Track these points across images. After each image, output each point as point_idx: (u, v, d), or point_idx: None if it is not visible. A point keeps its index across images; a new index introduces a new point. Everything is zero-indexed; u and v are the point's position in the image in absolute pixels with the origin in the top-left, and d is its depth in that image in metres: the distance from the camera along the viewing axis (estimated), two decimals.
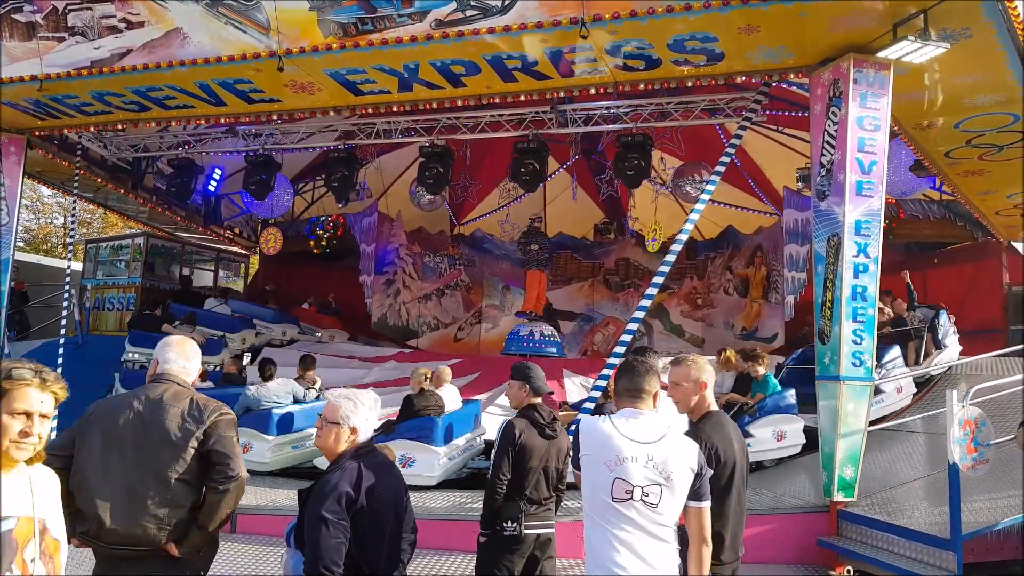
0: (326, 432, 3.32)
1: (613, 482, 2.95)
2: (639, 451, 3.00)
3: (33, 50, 8.79)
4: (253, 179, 12.87)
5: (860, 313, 7.08)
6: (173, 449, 3.34)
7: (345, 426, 3.31)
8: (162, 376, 3.57)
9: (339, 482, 3.13)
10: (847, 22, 6.86)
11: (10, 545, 2.25)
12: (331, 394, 3.45)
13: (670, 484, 2.98)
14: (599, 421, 3.15)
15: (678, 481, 2.99)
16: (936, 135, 9.40)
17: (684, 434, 3.36)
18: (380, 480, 3.23)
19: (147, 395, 3.48)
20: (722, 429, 3.63)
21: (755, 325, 16.06)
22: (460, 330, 18.40)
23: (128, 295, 16.08)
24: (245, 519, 7.35)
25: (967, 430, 5.95)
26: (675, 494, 2.99)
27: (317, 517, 3.06)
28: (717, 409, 3.75)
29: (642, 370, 3.24)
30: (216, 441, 3.40)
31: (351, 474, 3.16)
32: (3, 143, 10.60)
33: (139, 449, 3.36)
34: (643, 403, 3.18)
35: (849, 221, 7.08)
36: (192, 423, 3.40)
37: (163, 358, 3.63)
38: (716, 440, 3.53)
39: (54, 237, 32.99)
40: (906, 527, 6.19)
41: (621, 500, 2.94)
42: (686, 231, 8.18)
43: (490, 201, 18.30)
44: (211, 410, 3.46)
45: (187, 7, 8.05)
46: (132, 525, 3.28)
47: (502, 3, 7.20)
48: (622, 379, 3.27)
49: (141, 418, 3.40)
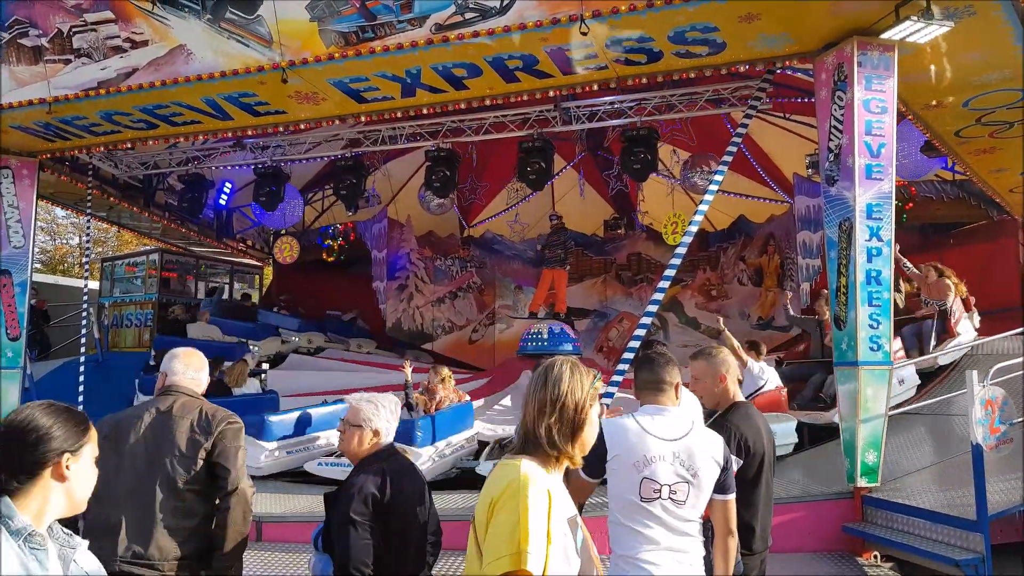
0: (349, 435, 3.35)
1: (641, 482, 2.91)
2: (666, 449, 2.95)
3: (40, 73, 8.88)
4: (263, 191, 12.96)
5: (875, 297, 7.03)
6: (184, 461, 3.37)
7: (368, 429, 3.34)
8: (171, 388, 3.60)
9: (365, 484, 3.16)
10: (849, 5, 6.81)
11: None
12: (352, 398, 3.48)
13: (697, 480, 2.95)
14: (624, 420, 3.08)
15: (704, 476, 2.96)
16: (945, 114, 9.33)
17: (708, 425, 3.34)
18: (405, 482, 3.26)
19: (157, 408, 3.51)
20: (749, 419, 3.60)
21: (771, 314, 15.98)
22: (474, 332, 18.42)
23: (146, 311, 16.22)
24: (270, 527, 7.41)
25: (989, 410, 5.91)
26: (701, 490, 2.96)
27: (345, 520, 3.09)
28: (743, 399, 3.72)
29: (662, 361, 3.18)
30: (220, 452, 3.42)
31: (376, 476, 3.19)
32: (15, 167, 10.71)
33: (151, 463, 3.38)
34: (666, 396, 3.12)
35: (860, 205, 7.03)
36: (201, 434, 3.41)
37: (170, 370, 3.65)
38: (745, 430, 3.51)
39: (70, 257, 33.30)
40: (932, 510, 6.15)
41: (649, 500, 2.91)
42: (696, 223, 8.16)
43: (498, 202, 18.32)
44: (219, 420, 3.47)
45: (190, 24, 8.10)
46: (147, 540, 3.29)
47: (500, 4, 7.20)
48: (642, 372, 3.22)
49: (152, 431, 3.43)
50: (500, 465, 2.24)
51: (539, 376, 2.32)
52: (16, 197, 10.72)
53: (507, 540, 2.01)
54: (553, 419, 2.22)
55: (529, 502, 2.04)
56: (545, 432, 2.21)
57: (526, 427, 2.27)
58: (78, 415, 2.09)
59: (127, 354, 15.16)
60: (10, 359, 10.69)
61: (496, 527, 2.06)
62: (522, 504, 2.03)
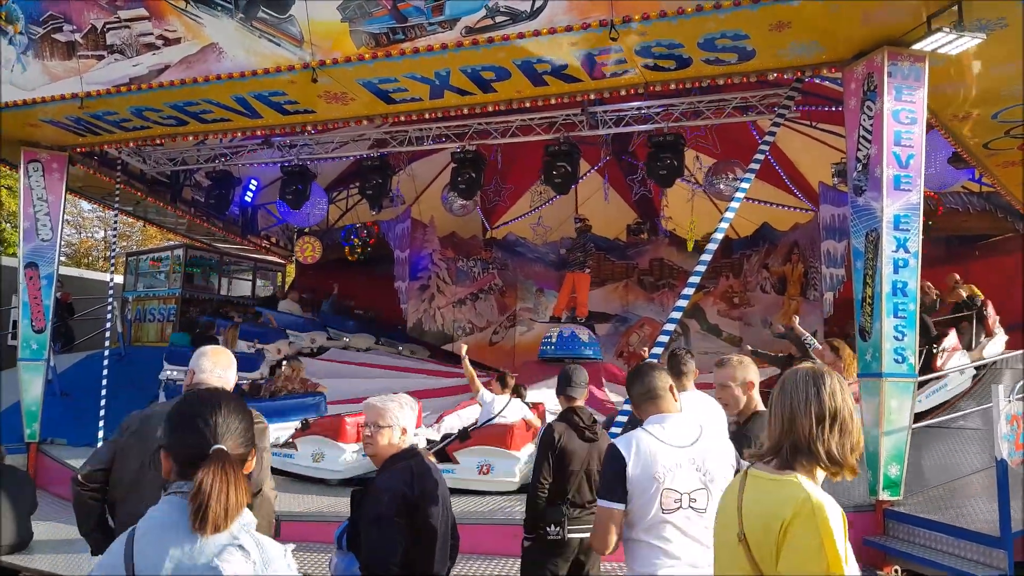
0: (379, 436, 3.35)
1: (662, 493, 2.90)
2: (682, 456, 2.95)
3: (73, 68, 8.99)
4: (289, 189, 13.08)
5: (901, 309, 6.98)
6: None
7: (397, 427, 3.36)
8: (198, 386, 3.55)
9: (393, 483, 3.18)
10: (880, 15, 6.78)
11: None
12: (375, 400, 3.49)
13: (713, 486, 2.94)
14: (636, 434, 3.06)
15: (720, 482, 2.95)
16: (974, 126, 9.26)
17: (730, 436, 3.33)
18: (431, 481, 3.27)
19: None
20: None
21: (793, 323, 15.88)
22: (495, 334, 18.43)
23: (169, 306, 16.39)
24: (288, 526, 7.44)
25: (1015, 425, 5.85)
26: (717, 496, 2.94)
27: (374, 518, 3.10)
28: (764, 409, 3.72)
29: (646, 369, 3.21)
30: None
31: (405, 475, 3.21)
32: (45, 160, 10.85)
33: None
34: (664, 402, 3.11)
35: (888, 216, 6.99)
36: None
37: (198, 367, 3.63)
38: (766, 440, 3.50)
39: (95, 251, 33.65)
40: (954, 525, 6.10)
41: (671, 510, 2.90)
42: (721, 230, 8.13)
43: (521, 204, 18.33)
44: None
45: (222, 23, 8.18)
46: None
47: (531, 8, 7.22)
48: (634, 387, 3.23)
49: None
50: (771, 481, 2.16)
51: (807, 387, 2.20)
52: (45, 190, 10.86)
53: (815, 563, 1.96)
54: (834, 433, 2.14)
55: (831, 525, 1.98)
56: (827, 446, 2.13)
57: (798, 441, 2.16)
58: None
59: (149, 348, 15.31)
60: (34, 351, 10.81)
61: (797, 552, 2.00)
62: (823, 527, 1.98)
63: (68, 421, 11.34)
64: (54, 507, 9.08)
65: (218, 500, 1.82)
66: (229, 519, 1.84)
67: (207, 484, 1.83)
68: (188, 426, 1.99)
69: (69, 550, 7.43)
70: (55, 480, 10.07)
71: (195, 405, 2.05)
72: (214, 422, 1.98)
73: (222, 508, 1.82)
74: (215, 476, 1.85)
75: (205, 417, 1.98)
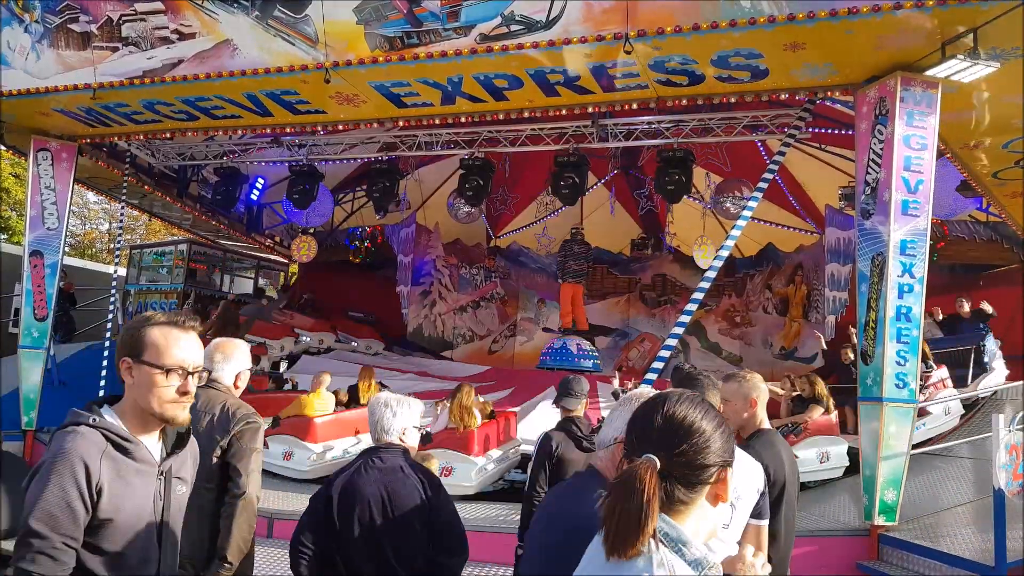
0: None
1: None
2: None
3: (88, 59, 9.01)
4: (296, 189, 13.10)
5: (904, 334, 6.96)
6: (201, 457, 3.31)
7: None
8: (210, 382, 3.53)
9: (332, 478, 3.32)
10: (894, 40, 6.79)
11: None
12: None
13: (739, 504, 2.93)
14: None
15: (746, 501, 2.96)
16: (984, 155, 9.26)
17: None
18: (360, 478, 3.25)
19: None
20: (772, 447, 3.58)
21: (794, 345, 15.86)
22: (495, 343, 18.42)
23: (170, 300, 16.39)
24: (281, 524, 7.43)
25: (1013, 455, 5.83)
26: (741, 514, 2.95)
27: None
28: (768, 427, 3.70)
29: (706, 383, 3.23)
30: (234, 453, 3.35)
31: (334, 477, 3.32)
32: (55, 150, 10.87)
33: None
34: None
35: (894, 240, 6.98)
36: (219, 431, 3.35)
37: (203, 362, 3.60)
38: (766, 458, 3.48)
39: (99, 242, 33.70)
40: (949, 553, 6.07)
41: None
42: (727, 247, 8.13)
43: (527, 215, 18.36)
44: (238, 418, 3.40)
45: (238, 19, 8.20)
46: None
47: (546, 18, 7.23)
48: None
49: None
50: None
51: None
52: (53, 179, 10.87)
53: None
54: None
55: None
56: None
57: None
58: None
59: None
60: (35, 339, 10.81)
61: None
62: None
63: (65, 410, 11.19)
64: None
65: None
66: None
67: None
68: None
69: None
70: None
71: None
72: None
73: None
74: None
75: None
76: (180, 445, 2.33)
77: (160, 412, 2.19)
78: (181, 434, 2.33)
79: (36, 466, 2.11)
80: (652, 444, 1.61)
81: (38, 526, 2.00)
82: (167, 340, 2.20)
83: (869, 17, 6.35)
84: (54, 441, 2.15)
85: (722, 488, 1.65)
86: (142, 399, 2.20)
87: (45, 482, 2.04)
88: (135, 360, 2.19)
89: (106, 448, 2.11)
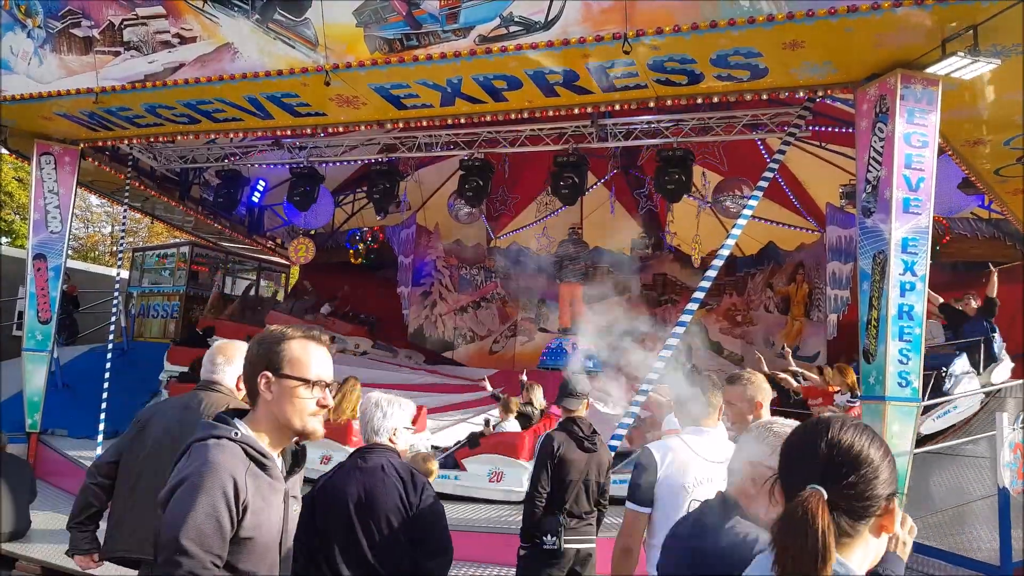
0: None
1: (690, 504, 2.91)
2: (714, 471, 2.96)
3: (90, 64, 9.04)
4: (297, 191, 13.11)
5: (907, 332, 6.95)
6: None
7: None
8: (207, 383, 3.54)
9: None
10: (894, 38, 6.79)
11: None
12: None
13: None
14: (671, 442, 3.09)
15: None
16: (985, 152, 9.25)
17: None
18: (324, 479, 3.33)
19: (189, 403, 3.45)
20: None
21: (796, 343, 15.84)
22: (495, 343, 18.41)
23: (173, 303, 16.40)
24: None
25: (1018, 453, 5.83)
26: None
27: None
28: None
29: (708, 384, 3.24)
30: None
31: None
32: (58, 153, 10.90)
33: (173, 460, 3.33)
34: (708, 419, 3.15)
35: (896, 238, 6.98)
36: None
37: (204, 365, 3.60)
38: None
39: (101, 245, 33.74)
40: (954, 552, 6.06)
41: None
42: (728, 247, 8.13)
43: (527, 215, 18.35)
44: None
45: (238, 23, 8.22)
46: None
47: (545, 19, 7.24)
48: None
49: (179, 427, 3.35)
50: None
51: None
52: (56, 183, 10.90)
53: None
54: None
55: None
56: None
57: None
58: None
59: (152, 344, 15.31)
60: (39, 342, 10.84)
61: None
62: None
63: (69, 413, 11.35)
64: (53, 497, 9.09)
65: None
66: None
67: None
68: None
69: (66, 540, 7.40)
70: (55, 470, 10.08)
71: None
72: None
73: None
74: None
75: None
76: (298, 464, 2.32)
77: (302, 426, 2.18)
78: (297, 453, 2.32)
79: (177, 478, 2.03)
80: (816, 475, 1.52)
81: (188, 544, 1.91)
82: (307, 354, 2.20)
83: (869, 15, 6.36)
84: (195, 454, 2.10)
85: (888, 520, 1.57)
86: (282, 413, 2.17)
87: (194, 497, 1.96)
88: (275, 375, 2.16)
89: (249, 464, 2.08)
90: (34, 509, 8.00)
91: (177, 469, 2.09)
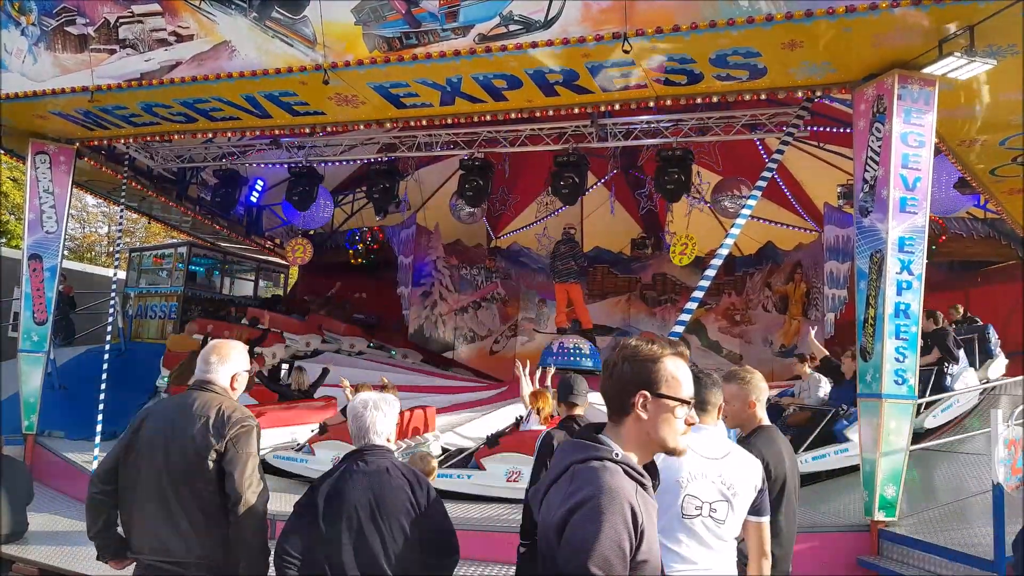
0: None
1: (684, 499, 2.93)
2: (709, 468, 2.98)
3: (85, 62, 9.01)
4: (296, 190, 13.09)
5: (903, 331, 6.98)
6: (197, 461, 3.28)
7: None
8: (199, 383, 3.52)
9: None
10: (892, 38, 6.80)
11: None
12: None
13: (735, 501, 2.98)
14: None
15: (742, 498, 3.00)
16: (981, 151, 9.28)
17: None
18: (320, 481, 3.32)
19: (183, 403, 3.43)
20: (772, 444, 3.62)
21: (794, 342, 15.88)
22: (496, 343, 18.43)
23: (170, 303, 16.39)
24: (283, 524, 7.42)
25: (1012, 450, 5.84)
26: (737, 511, 2.99)
27: None
28: (768, 424, 3.74)
29: (708, 383, 3.24)
30: (229, 460, 3.30)
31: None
32: (53, 153, 10.87)
33: (168, 460, 3.31)
34: (707, 416, 3.17)
35: (892, 238, 7.00)
36: (214, 435, 3.30)
37: (199, 364, 3.58)
38: (767, 455, 3.52)
39: (98, 246, 33.70)
40: (949, 548, 6.08)
41: (691, 516, 2.92)
42: (727, 246, 8.14)
43: (527, 215, 18.37)
44: (233, 422, 3.35)
45: (235, 21, 8.21)
46: (164, 537, 3.27)
47: (545, 18, 7.25)
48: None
49: (172, 427, 3.36)
50: None
51: None
52: (52, 183, 10.88)
53: None
54: None
55: None
56: None
57: None
58: None
59: (149, 345, 15.30)
60: (35, 343, 10.81)
61: None
62: None
63: (66, 414, 11.34)
64: (50, 499, 9.07)
65: None
66: None
67: None
68: None
69: (64, 542, 7.43)
70: (51, 472, 10.06)
71: None
72: None
73: None
74: None
75: None
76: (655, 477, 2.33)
77: (674, 445, 2.19)
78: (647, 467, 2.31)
79: (572, 502, 2.02)
80: None
81: (596, 571, 1.92)
82: (681, 373, 2.20)
83: (867, 15, 6.37)
84: (582, 476, 2.07)
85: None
86: (656, 432, 2.17)
87: (597, 524, 1.95)
88: (653, 394, 2.16)
89: (636, 487, 2.07)
90: (31, 511, 7.99)
91: (566, 493, 2.06)
